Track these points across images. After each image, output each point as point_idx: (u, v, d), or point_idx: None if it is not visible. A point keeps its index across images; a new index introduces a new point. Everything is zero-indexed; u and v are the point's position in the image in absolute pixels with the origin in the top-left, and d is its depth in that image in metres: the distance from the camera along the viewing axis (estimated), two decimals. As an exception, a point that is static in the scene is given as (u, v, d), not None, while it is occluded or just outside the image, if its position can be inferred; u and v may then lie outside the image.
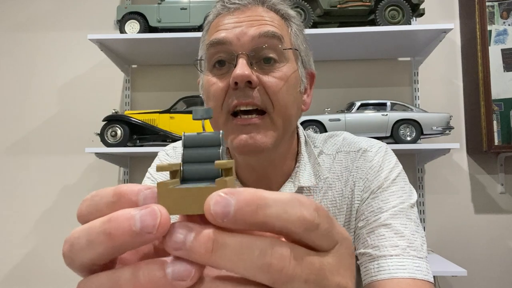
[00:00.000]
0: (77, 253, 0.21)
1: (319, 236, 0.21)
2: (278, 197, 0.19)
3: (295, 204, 0.20)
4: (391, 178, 0.64)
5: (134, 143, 1.61)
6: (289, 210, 0.19)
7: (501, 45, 1.71)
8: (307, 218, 0.20)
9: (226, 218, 0.18)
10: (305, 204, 0.20)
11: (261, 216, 0.19)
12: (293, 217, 0.19)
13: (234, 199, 0.19)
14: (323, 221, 0.20)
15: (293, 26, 0.65)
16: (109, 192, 0.21)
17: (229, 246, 0.19)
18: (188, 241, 0.19)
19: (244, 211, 0.19)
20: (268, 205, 0.19)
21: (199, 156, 0.23)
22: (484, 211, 1.73)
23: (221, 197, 0.19)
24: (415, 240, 0.58)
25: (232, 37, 0.59)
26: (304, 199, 0.20)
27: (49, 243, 1.82)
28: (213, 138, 0.23)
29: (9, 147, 1.88)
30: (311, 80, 0.70)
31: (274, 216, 0.19)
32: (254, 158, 0.61)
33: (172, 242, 0.19)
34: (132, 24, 1.63)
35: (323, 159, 0.69)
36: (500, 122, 1.67)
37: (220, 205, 0.18)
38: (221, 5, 0.64)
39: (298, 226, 0.20)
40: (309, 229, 0.20)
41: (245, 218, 0.19)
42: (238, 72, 0.56)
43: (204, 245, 0.18)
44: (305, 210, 0.20)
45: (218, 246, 0.18)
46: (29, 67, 1.92)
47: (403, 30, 1.49)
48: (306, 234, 0.20)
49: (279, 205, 0.19)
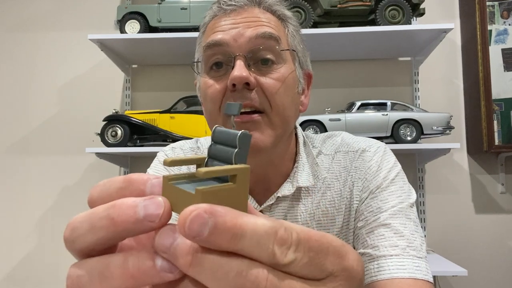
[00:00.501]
0: (79, 237, 0.21)
1: (297, 269, 0.20)
2: (256, 228, 0.19)
3: (269, 237, 0.19)
4: (390, 178, 0.64)
5: (134, 143, 1.61)
6: (262, 243, 0.19)
7: (502, 45, 1.70)
8: (276, 255, 0.19)
9: (199, 237, 0.18)
10: (281, 239, 0.19)
11: (233, 245, 0.19)
12: (263, 253, 0.19)
13: (212, 221, 0.18)
14: (302, 255, 0.20)
15: (289, 27, 0.64)
16: (120, 179, 0.22)
17: (206, 264, 0.18)
18: (172, 248, 0.19)
19: (218, 236, 0.18)
20: (243, 236, 0.18)
21: (219, 153, 0.23)
22: (484, 211, 1.73)
23: (198, 215, 0.18)
24: (414, 240, 0.58)
25: (229, 38, 0.59)
26: (284, 232, 0.19)
27: (49, 243, 1.82)
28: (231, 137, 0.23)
29: (10, 147, 1.88)
30: (309, 80, 0.70)
31: (246, 248, 0.19)
32: (252, 158, 0.61)
33: (159, 243, 0.19)
34: (133, 24, 1.63)
35: (321, 159, 0.69)
36: (501, 122, 1.66)
37: (196, 223, 0.18)
38: (217, 6, 0.64)
39: (267, 261, 0.19)
40: (279, 264, 0.19)
41: (218, 243, 0.18)
42: (236, 74, 0.56)
43: (184, 257, 0.19)
44: (278, 246, 0.19)
45: (196, 262, 0.18)
46: (30, 67, 1.92)
47: (403, 30, 1.49)
48: (278, 267, 0.19)
49: (254, 238, 0.19)
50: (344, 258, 0.21)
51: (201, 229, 0.18)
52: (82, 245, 0.21)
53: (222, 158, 0.22)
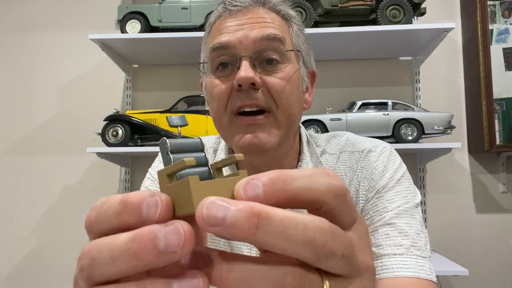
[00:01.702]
0: (99, 268, 0.20)
1: (346, 208, 0.21)
2: (303, 172, 0.20)
3: (322, 175, 0.21)
4: (396, 178, 0.64)
5: (135, 143, 1.61)
6: (316, 180, 0.20)
7: (503, 44, 1.70)
8: (336, 185, 0.21)
9: (257, 199, 0.19)
10: (330, 174, 0.21)
11: (290, 190, 0.19)
12: (321, 187, 0.20)
13: (260, 181, 0.19)
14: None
15: (294, 27, 0.65)
16: (116, 200, 0.21)
17: (274, 220, 0.18)
18: (229, 216, 0.18)
19: (274, 188, 0.19)
20: (294, 179, 0.20)
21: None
22: (485, 210, 1.73)
23: (248, 180, 0.19)
24: (419, 239, 0.58)
25: (235, 40, 0.59)
26: (328, 170, 0.21)
27: (50, 242, 1.82)
28: (195, 144, 0.25)
29: (11, 147, 1.88)
30: (312, 79, 0.70)
31: (303, 188, 0.20)
32: (258, 157, 0.61)
33: (211, 217, 0.18)
34: (133, 24, 1.63)
35: (326, 159, 0.69)
36: (502, 122, 1.66)
37: (250, 186, 0.19)
38: (222, 7, 0.64)
39: (327, 194, 0.20)
40: (340, 196, 0.21)
41: (275, 196, 0.19)
42: (242, 74, 0.56)
43: (248, 220, 0.18)
44: (333, 179, 0.21)
45: (264, 221, 0.18)
46: (30, 67, 1.92)
47: (404, 29, 1.49)
48: (337, 202, 0.21)
49: (305, 178, 0.20)
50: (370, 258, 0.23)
51: (256, 190, 0.19)
52: (101, 277, 0.21)
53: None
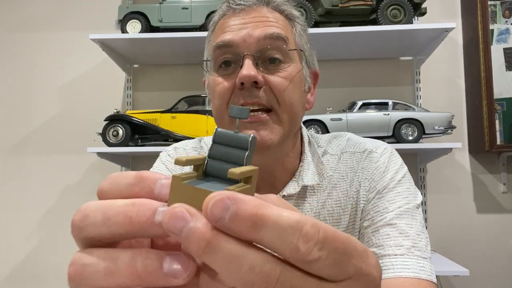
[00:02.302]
0: (89, 225, 0.21)
1: (317, 268, 0.19)
2: (279, 220, 0.18)
3: (294, 231, 0.18)
4: (397, 179, 0.64)
5: (135, 143, 1.61)
6: (285, 237, 0.18)
7: (503, 44, 1.70)
8: (300, 250, 0.18)
9: (220, 222, 0.18)
10: (307, 235, 0.18)
11: (253, 234, 0.18)
12: (286, 246, 0.18)
13: (234, 207, 0.18)
14: (326, 255, 0.19)
15: (297, 26, 0.65)
16: (132, 174, 0.22)
17: (220, 251, 0.18)
18: (185, 230, 0.18)
19: (239, 223, 0.18)
20: (265, 226, 0.18)
21: (224, 154, 0.23)
22: (486, 210, 1.73)
23: (221, 199, 0.18)
24: (420, 240, 0.58)
25: (238, 39, 0.59)
26: (310, 228, 0.19)
27: (51, 242, 1.82)
28: (242, 140, 0.23)
29: (11, 147, 1.89)
30: (315, 79, 0.71)
31: (267, 239, 0.18)
32: (259, 155, 0.61)
33: (171, 225, 0.18)
34: (134, 24, 1.63)
35: (327, 159, 0.69)
36: (502, 122, 1.66)
37: (218, 207, 0.18)
38: (226, 6, 0.64)
39: (289, 256, 0.19)
40: (302, 261, 0.19)
41: (238, 230, 0.18)
42: (244, 72, 0.57)
43: (198, 242, 0.18)
44: (303, 242, 0.18)
45: (210, 249, 0.18)
46: (31, 67, 1.92)
47: (405, 29, 1.49)
48: (300, 264, 0.19)
49: (276, 229, 0.18)
50: (366, 263, 0.21)
51: (223, 214, 0.18)
52: (90, 234, 0.21)
53: (228, 159, 0.23)
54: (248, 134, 0.23)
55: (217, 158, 0.23)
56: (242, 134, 0.23)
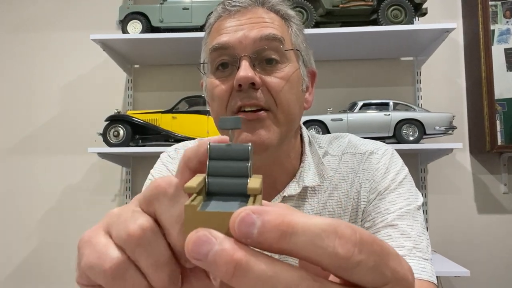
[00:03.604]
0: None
1: (360, 275, 0.18)
2: (310, 225, 0.17)
3: (329, 235, 0.17)
4: (398, 180, 0.65)
5: (136, 143, 1.61)
6: (319, 242, 0.17)
7: (504, 44, 1.70)
8: (340, 254, 0.17)
9: (250, 238, 0.17)
10: (343, 237, 0.17)
11: (285, 244, 0.17)
12: (322, 251, 0.17)
13: (259, 220, 0.17)
14: (367, 258, 0.18)
15: (293, 26, 0.65)
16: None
17: (251, 274, 0.17)
18: (211, 254, 0.17)
19: (267, 235, 0.17)
20: (295, 234, 0.17)
21: (226, 169, 0.22)
22: (487, 211, 1.73)
23: (247, 215, 0.17)
24: (421, 241, 0.59)
25: (234, 41, 0.60)
26: (345, 229, 0.17)
27: (52, 242, 1.82)
28: (241, 151, 0.22)
29: (12, 147, 1.89)
30: (312, 78, 0.71)
31: (300, 247, 0.17)
32: (258, 156, 0.61)
33: (194, 250, 0.17)
34: (135, 24, 1.63)
35: (328, 160, 0.69)
36: (503, 122, 1.66)
37: (245, 223, 0.17)
38: (221, 7, 0.64)
39: (329, 262, 0.17)
40: (345, 266, 0.17)
41: (268, 243, 0.17)
42: (241, 74, 0.57)
43: (226, 265, 0.17)
44: (341, 245, 0.17)
45: (240, 272, 0.17)
46: (32, 67, 1.92)
47: (405, 29, 1.49)
48: (342, 271, 0.18)
49: (308, 235, 0.17)
50: (401, 266, 0.20)
51: (250, 229, 0.17)
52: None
53: (230, 173, 0.21)
54: (246, 144, 0.22)
55: (217, 175, 0.22)
56: (239, 145, 0.22)
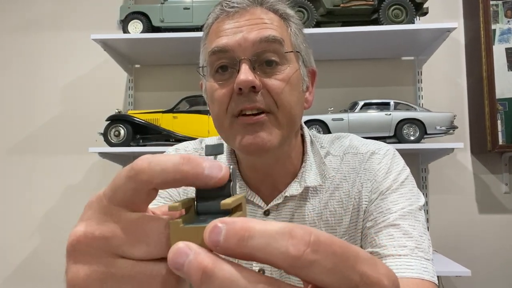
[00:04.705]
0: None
1: (317, 275, 0.18)
2: (266, 229, 0.19)
3: (283, 237, 0.18)
4: (400, 180, 0.64)
5: (137, 143, 1.61)
6: (273, 243, 0.18)
7: (505, 44, 1.70)
8: (291, 253, 0.18)
9: (218, 246, 0.19)
10: (295, 237, 0.18)
11: (244, 247, 0.19)
12: (276, 252, 0.18)
13: (225, 228, 0.19)
14: (323, 258, 0.18)
15: (292, 26, 0.65)
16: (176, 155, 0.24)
17: (215, 278, 0.18)
18: (186, 264, 0.19)
19: (230, 241, 0.19)
20: (252, 237, 0.19)
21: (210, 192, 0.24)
22: (488, 211, 1.73)
23: (215, 226, 0.19)
24: (423, 242, 0.59)
25: (234, 43, 0.59)
26: (298, 231, 0.18)
27: (52, 242, 1.82)
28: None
29: (13, 147, 1.89)
30: (313, 77, 0.70)
31: (257, 249, 0.18)
32: (259, 157, 0.61)
33: (174, 261, 0.19)
34: (135, 24, 1.63)
35: (330, 160, 0.69)
36: (504, 122, 1.66)
37: (214, 233, 0.19)
38: (219, 8, 0.64)
39: (282, 262, 0.18)
40: (297, 265, 0.18)
41: (231, 248, 0.19)
42: (242, 78, 0.56)
43: (195, 272, 0.19)
44: (292, 245, 0.18)
45: (206, 277, 0.19)
46: (33, 67, 1.92)
47: (406, 29, 1.49)
48: (296, 270, 0.18)
49: (264, 237, 0.18)
50: (373, 270, 0.19)
51: (218, 237, 0.19)
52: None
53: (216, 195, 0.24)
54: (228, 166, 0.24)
55: (204, 196, 0.24)
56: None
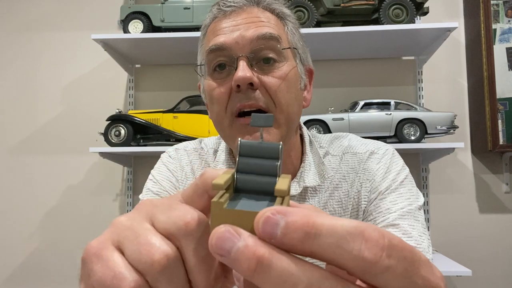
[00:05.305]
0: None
1: (387, 281, 0.17)
2: (335, 227, 0.17)
3: (355, 238, 0.17)
4: (399, 180, 0.64)
5: (137, 143, 1.61)
6: (345, 245, 0.16)
7: (506, 43, 1.69)
8: (367, 258, 0.16)
9: (273, 238, 0.17)
10: (370, 240, 0.17)
11: (309, 245, 0.17)
12: (348, 254, 0.16)
13: (284, 220, 0.17)
14: (396, 263, 0.17)
15: (289, 25, 0.65)
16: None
17: (273, 270, 0.17)
18: (234, 250, 0.17)
19: (291, 236, 0.17)
20: (319, 235, 0.17)
21: (255, 167, 0.22)
22: (489, 210, 1.72)
23: (272, 215, 0.17)
24: (422, 241, 0.59)
25: (231, 41, 0.59)
26: (372, 233, 0.17)
27: (53, 241, 1.82)
28: (271, 150, 0.22)
29: (14, 147, 1.89)
30: (310, 76, 0.70)
31: (324, 249, 0.17)
32: None
33: (217, 246, 0.18)
34: (136, 24, 1.63)
35: (329, 160, 0.69)
36: (505, 121, 1.65)
37: (269, 223, 0.17)
38: (217, 8, 0.64)
39: (354, 266, 0.17)
40: (371, 271, 0.17)
41: (291, 244, 0.17)
42: (240, 74, 0.56)
43: (248, 261, 0.17)
44: (367, 249, 0.16)
45: (262, 268, 0.17)
46: (33, 67, 1.92)
47: (407, 29, 1.49)
48: (368, 276, 0.17)
49: (333, 237, 0.17)
50: (432, 274, 0.19)
51: (274, 229, 0.17)
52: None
53: (259, 171, 0.21)
54: (276, 143, 0.22)
55: (246, 172, 0.22)
56: (269, 143, 0.22)
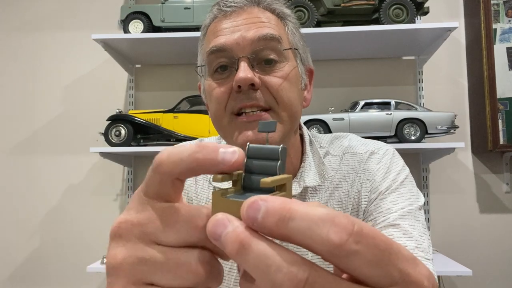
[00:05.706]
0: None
1: (357, 266, 0.18)
2: (308, 212, 0.18)
3: (325, 223, 0.18)
4: (400, 180, 0.64)
5: (138, 143, 1.61)
6: (315, 229, 0.18)
7: (506, 43, 1.69)
8: (332, 240, 0.18)
9: (255, 222, 0.19)
10: (338, 225, 0.18)
11: (283, 228, 0.18)
12: (316, 237, 0.18)
13: (264, 205, 0.19)
14: (365, 250, 0.18)
15: (289, 25, 0.65)
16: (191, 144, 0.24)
17: (251, 252, 0.19)
18: (223, 235, 0.20)
19: (269, 219, 0.19)
20: (293, 219, 0.18)
21: (258, 167, 0.24)
22: (489, 210, 1.72)
23: (254, 201, 0.19)
24: (423, 241, 0.58)
25: (232, 42, 0.59)
26: (342, 219, 0.18)
27: (54, 241, 1.83)
28: (272, 152, 0.24)
29: (14, 147, 1.89)
30: (310, 76, 0.71)
31: (296, 231, 0.18)
32: None
33: (212, 231, 0.20)
34: (136, 24, 1.63)
35: (329, 160, 0.69)
36: (506, 121, 1.65)
37: (252, 208, 0.19)
38: (217, 8, 0.64)
39: (322, 249, 0.18)
40: (337, 254, 0.18)
41: (269, 227, 0.19)
42: (241, 75, 0.56)
43: (232, 244, 0.19)
44: (334, 232, 0.18)
45: (242, 250, 0.19)
46: (34, 67, 1.92)
47: (407, 28, 1.49)
48: (336, 259, 0.18)
49: (305, 221, 0.18)
50: (414, 270, 0.19)
51: (256, 214, 0.19)
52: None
53: (262, 171, 0.24)
54: (277, 146, 0.24)
55: (252, 172, 0.25)
56: (271, 146, 0.25)
